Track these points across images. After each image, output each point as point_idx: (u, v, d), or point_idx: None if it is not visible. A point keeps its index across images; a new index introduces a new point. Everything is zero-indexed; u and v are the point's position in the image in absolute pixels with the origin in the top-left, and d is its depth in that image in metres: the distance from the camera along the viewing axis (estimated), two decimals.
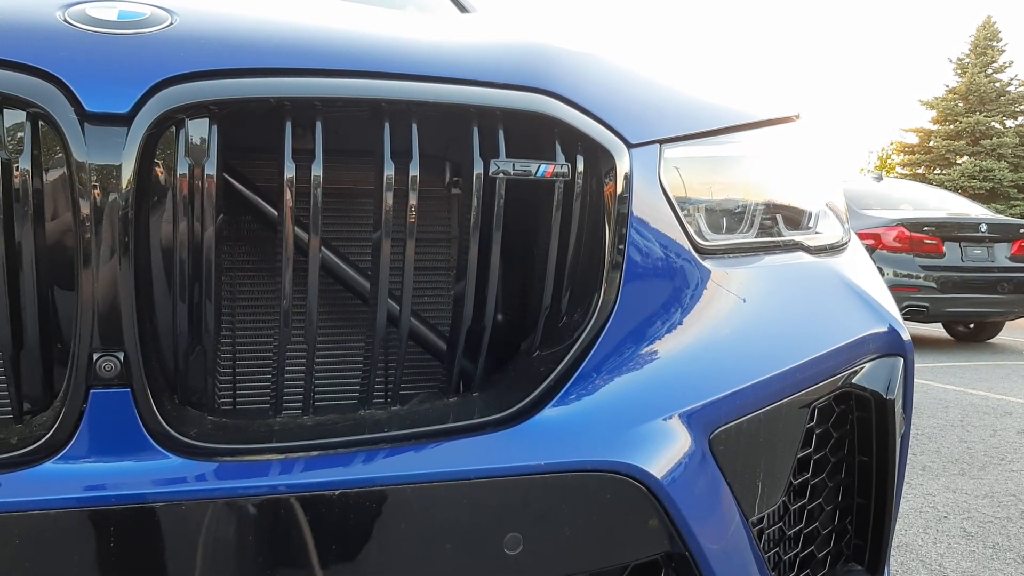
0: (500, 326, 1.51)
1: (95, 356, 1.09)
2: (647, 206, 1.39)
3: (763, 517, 1.56)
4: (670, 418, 1.35)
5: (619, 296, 1.36)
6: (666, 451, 1.33)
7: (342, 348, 1.46)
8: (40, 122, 1.07)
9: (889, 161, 48.44)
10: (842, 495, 1.74)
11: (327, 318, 1.44)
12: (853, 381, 1.65)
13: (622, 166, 1.34)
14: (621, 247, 1.35)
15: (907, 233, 9.98)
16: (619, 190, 1.34)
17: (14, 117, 1.07)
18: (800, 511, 1.67)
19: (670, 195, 1.43)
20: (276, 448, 1.17)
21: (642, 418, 1.34)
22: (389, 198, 1.22)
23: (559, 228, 1.33)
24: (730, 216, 1.57)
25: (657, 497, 1.31)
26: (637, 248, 1.37)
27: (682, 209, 1.45)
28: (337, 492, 1.17)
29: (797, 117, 1.81)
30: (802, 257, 1.67)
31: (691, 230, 1.47)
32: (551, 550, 1.28)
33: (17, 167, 1.07)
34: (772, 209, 1.66)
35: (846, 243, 1.83)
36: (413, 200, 1.23)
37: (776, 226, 1.66)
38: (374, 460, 1.21)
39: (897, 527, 3.59)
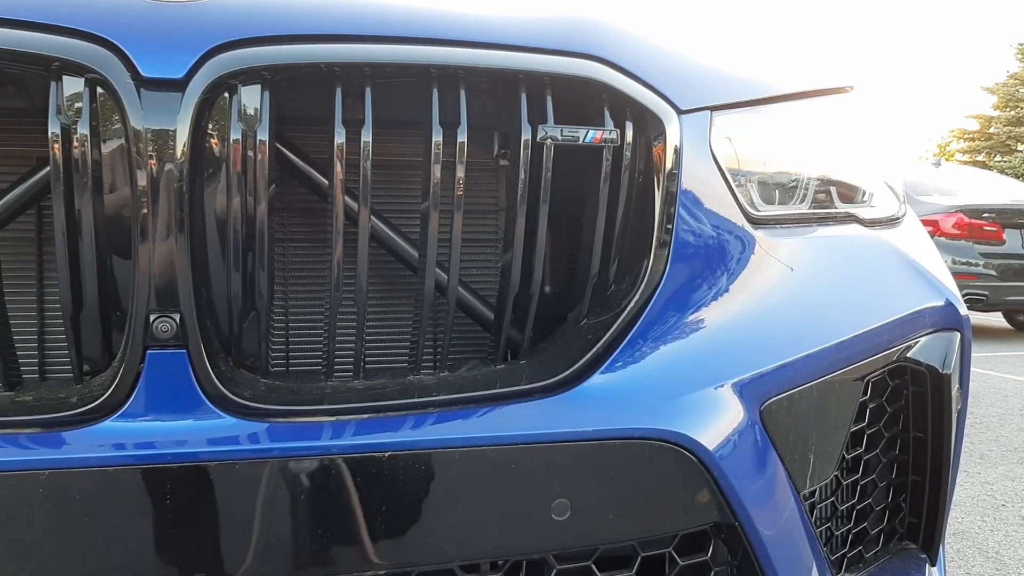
0: (547, 297, 1.51)
1: (152, 317, 1.12)
2: (697, 174, 1.37)
3: (815, 491, 1.54)
4: (720, 388, 1.34)
5: (668, 264, 1.35)
6: (716, 421, 1.32)
7: (391, 315, 1.47)
8: (98, 88, 1.10)
9: (949, 148, 47.36)
10: (896, 471, 1.71)
11: (376, 285, 1.46)
12: (908, 355, 1.62)
13: (672, 133, 1.33)
14: (670, 214, 1.34)
15: (966, 220, 9.76)
16: (669, 157, 1.33)
17: (72, 85, 1.10)
18: (853, 486, 1.65)
19: (721, 163, 1.41)
20: (327, 410, 1.19)
21: (691, 387, 1.33)
22: (437, 170, 1.23)
23: (607, 196, 1.32)
24: (782, 186, 1.55)
25: (707, 467, 1.30)
26: (687, 216, 1.36)
27: (733, 178, 1.44)
28: (387, 454, 1.18)
29: (850, 88, 1.77)
30: (856, 229, 1.64)
31: (742, 199, 1.45)
32: (599, 517, 1.28)
33: (76, 133, 1.09)
34: (825, 180, 1.63)
35: (901, 217, 1.80)
36: (461, 173, 1.24)
37: (829, 198, 1.63)
38: (423, 424, 1.22)
39: (954, 514, 3.53)
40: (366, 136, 1.17)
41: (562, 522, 1.25)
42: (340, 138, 1.17)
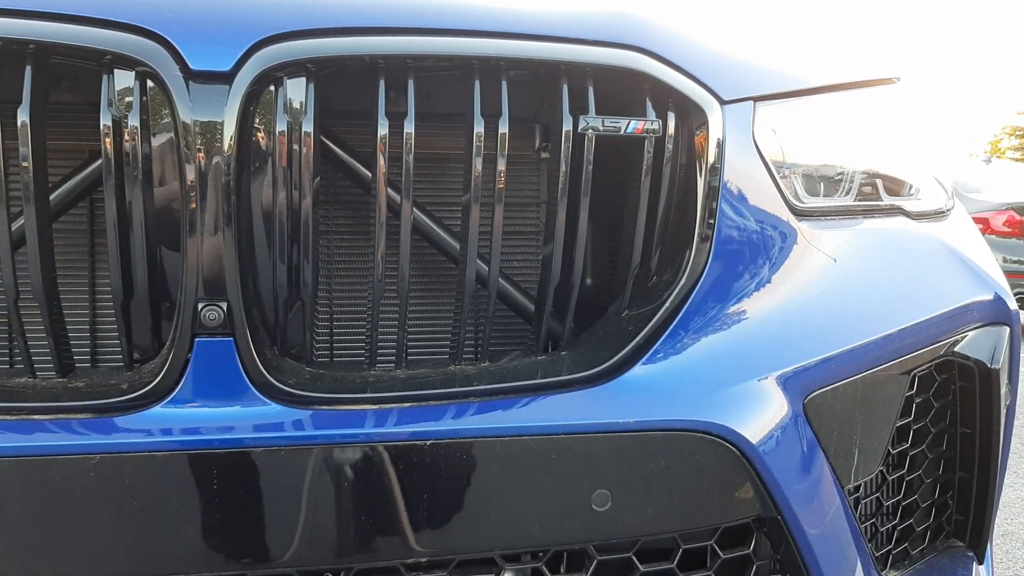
0: (588, 289, 1.51)
1: (200, 305, 1.14)
2: (740, 165, 1.36)
3: (859, 486, 1.53)
4: (763, 380, 1.33)
5: (710, 255, 1.34)
6: (759, 413, 1.31)
7: (433, 306, 1.48)
8: (148, 81, 1.12)
9: (1000, 145, 46.34)
10: (943, 468, 1.69)
11: (418, 277, 1.47)
12: (956, 350, 1.60)
13: (715, 123, 1.32)
14: (713, 206, 1.33)
15: (1017, 217, 9.54)
16: (711, 147, 1.32)
17: (123, 78, 1.12)
18: (899, 482, 1.63)
19: (764, 154, 1.40)
20: (371, 399, 1.21)
21: (734, 379, 1.32)
22: (479, 163, 1.23)
23: (649, 187, 1.32)
24: (826, 177, 1.54)
25: (749, 460, 1.30)
26: (730, 207, 1.35)
27: (777, 169, 1.43)
28: (428, 443, 1.19)
29: (896, 80, 1.75)
30: (902, 222, 1.62)
31: (786, 191, 1.44)
32: (639, 509, 1.28)
33: (126, 126, 1.12)
34: (871, 172, 1.61)
35: (949, 210, 1.77)
36: (502, 166, 1.24)
37: (875, 190, 1.61)
38: (464, 413, 1.23)
39: (1002, 515, 3.46)
40: (408, 127, 1.18)
41: (603, 513, 1.26)
42: (383, 130, 1.18)
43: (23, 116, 1.09)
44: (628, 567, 1.34)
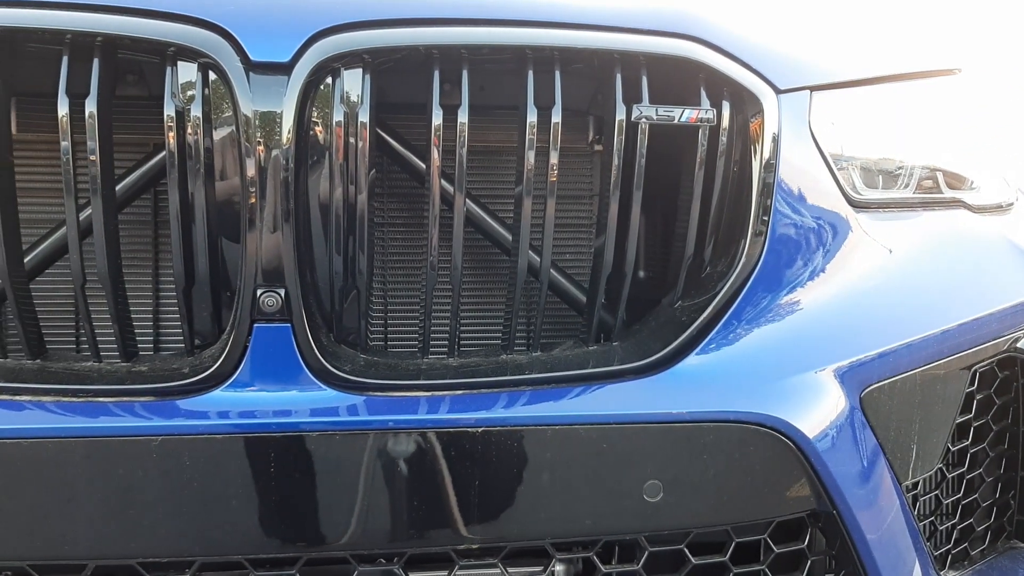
0: (640, 281, 1.51)
1: (259, 292, 1.17)
2: (796, 155, 1.35)
3: (918, 483, 1.50)
4: (819, 372, 1.32)
5: (765, 246, 1.33)
6: (814, 406, 1.30)
7: (486, 297, 1.50)
8: (210, 73, 1.15)
9: None
10: (1005, 466, 1.64)
11: (471, 268, 1.48)
12: (1018, 345, 1.56)
13: (770, 112, 1.31)
14: (768, 195, 1.32)
15: None
16: (766, 137, 1.31)
17: (186, 69, 1.15)
18: (959, 480, 1.59)
19: (821, 144, 1.38)
20: (423, 385, 1.22)
21: (789, 371, 1.31)
22: (531, 156, 1.24)
23: (703, 176, 1.31)
24: (885, 169, 1.51)
25: (804, 453, 1.28)
26: (785, 197, 1.34)
27: (834, 160, 1.41)
28: (480, 430, 1.20)
29: (958, 71, 1.71)
30: (964, 215, 1.59)
31: (843, 182, 1.42)
32: (691, 500, 1.27)
33: (189, 117, 1.15)
34: (931, 165, 1.58)
35: (1012, 203, 1.73)
36: (555, 159, 1.25)
37: (935, 183, 1.58)
38: (516, 402, 1.24)
39: None
40: (462, 117, 1.20)
41: (654, 504, 1.25)
42: (437, 119, 1.19)
43: (90, 107, 1.13)
44: (680, 559, 1.33)
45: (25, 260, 1.27)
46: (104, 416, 1.16)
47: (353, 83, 1.18)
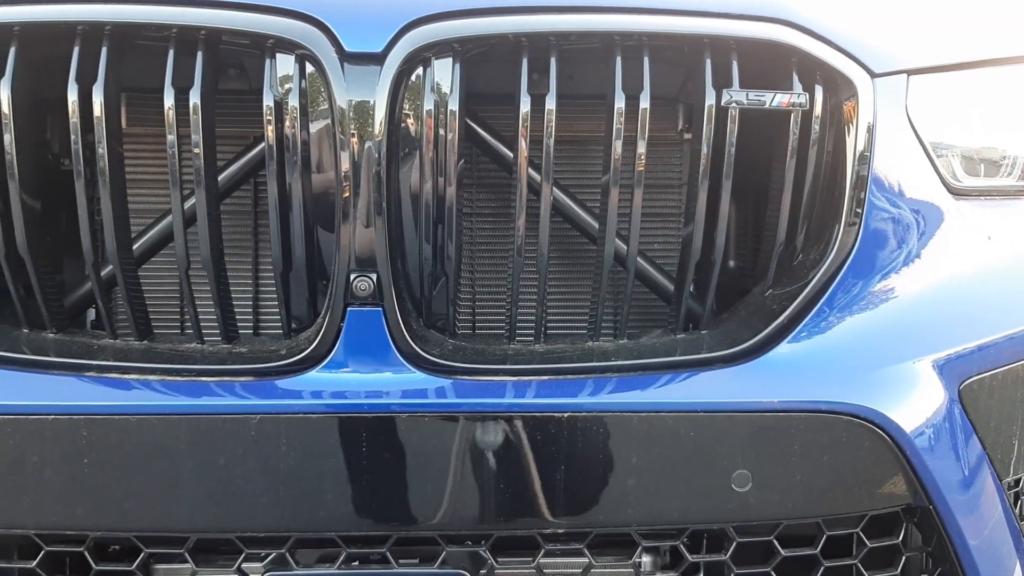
0: (729, 271, 1.50)
1: (352, 277, 1.20)
2: (892, 140, 1.32)
3: (1020, 480, 1.44)
4: (916, 363, 1.29)
5: (860, 233, 1.30)
6: (910, 398, 1.27)
7: (572, 285, 1.51)
8: (307, 64, 1.19)
9: None
10: None
11: (558, 257, 1.49)
12: None
13: (865, 97, 1.28)
14: (863, 182, 1.29)
15: None
16: (861, 122, 1.28)
17: (284, 61, 1.20)
18: None
19: (918, 130, 1.34)
20: (510, 370, 1.24)
21: (884, 361, 1.29)
22: (619, 146, 1.24)
23: (795, 162, 1.29)
24: (987, 157, 1.46)
25: (900, 446, 1.25)
26: (881, 184, 1.31)
27: (932, 146, 1.37)
28: (566, 415, 1.21)
29: None
30: None
31: (942, 169, 1.38)
32: (781, 491, 1.26)
33: (287, 107, 1.19)
34: None
35: None
36: (642, 148, 1.25)
37: None
38: (602, 388, 1.25)
39: None
40: (550, 104, 1.21)
41: (743, 494, 1.24)
42: (525, 107, 1.21)
43: (194, 98, 1.18)
44: (769, 551, 1.32)
45: (134, 247, 1.33)
46: (206, 395, 1.21)
47: (443, 72, 1.21)
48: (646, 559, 1.45)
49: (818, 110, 1.27)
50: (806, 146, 1.29)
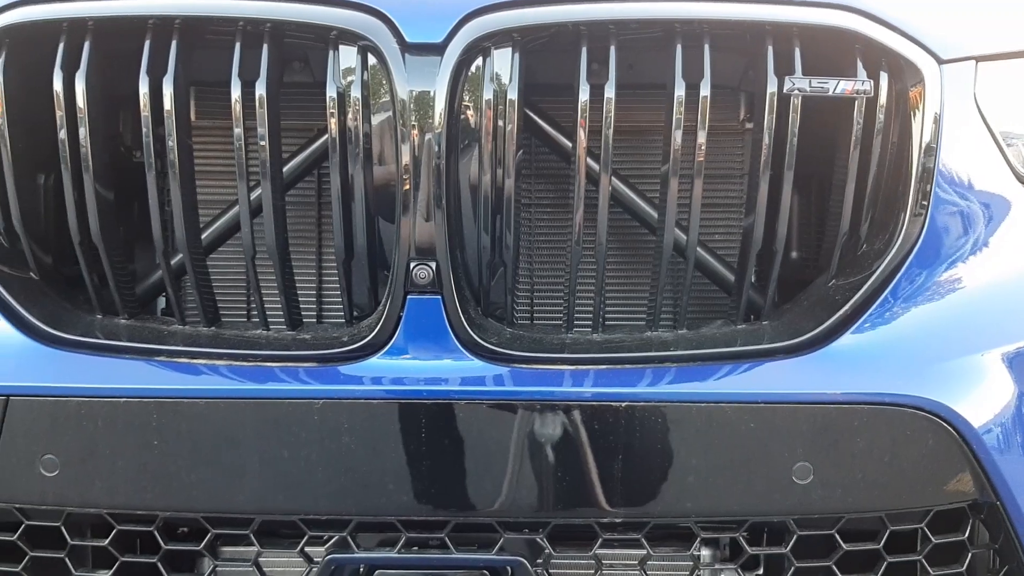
0: (792, 263, 1.48)
1: (412, 265, 1.22)
2: (960, 128, 1.28)
3: None
4: (983, 356, 1.26)
5: (926, 224, 1.28)
6: (978, 391, 1.25)
7: (631, 275, 1.50)
8: (369, 55, 1.21)
9: None
10: None
11: (616, 247, 1.49)
12: None
13: (932, 84, 1.25)
14: (929, 174, 1.27)
15: None
16: (927, 111, 1.25)
17: (347, 52, 1.22)
18: None
19: (987, 118, 1.31)
20: (568, 359, 1.25)
21: (950, 354, 1.26)
22: (678, 136, 1.23)
23: (859, 152, 1.27)
24: None
25: (966, 440, 1.23)
26: (947, 173, 1.28)
27: (1002, 135, 1.33)
28: (624, 404, 1.21)
29: None
30: None
31: (1012, 158, 1.34)
32: (844, 484, 1.24)
33: (349, 98, 1.21)
34: None
35: None
36: (702, 138, 1.24)
37: None
38: (661, 378, 1.25)
39: None
40: (609, 93, 1.21)
41: (804, 486, 1.23)
42: (585, 95, 1.21)
43: (260, 90, 1.21)
44: (831, 545, 1.30)
45: (202, 237, 1.37)
46: (271, 380, 1.25)
47: (503, 62, 1.22)
48: (705, 552, 1.44)
49: (883, 99, 1.24)
50: (871, 135, 1.27)
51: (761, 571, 1.43)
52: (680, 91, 1.22)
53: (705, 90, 1.22)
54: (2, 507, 1.28)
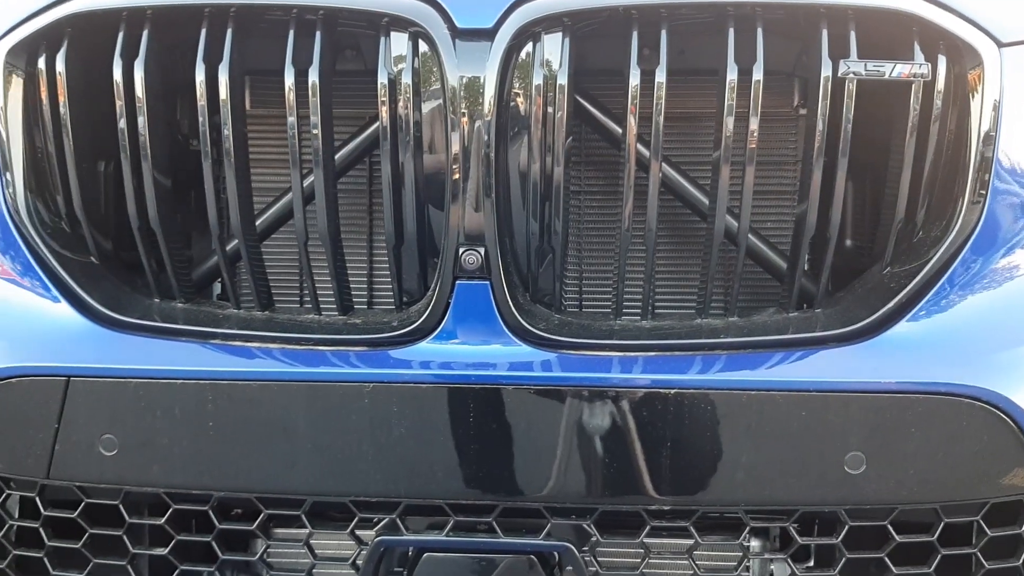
0: (845, 251, 1.46)
1: (460, 250, 1.23)
2: (1020, 113, 1.25)
3: None
4: None
5: (984, 211, 1.25)
6: None
7: (681, 262, 1.49)
8: (420, 42, 1.22)
9: None
10: None
11: (666, 234, 1.48)
12: None
13: (991, 67, 1.22)
14: (988, 156, 1.24)
15: None
16: (987, 92, 1.22)
17: (398, 39, 1.23)
18: None
19: None
20: (616, 346, 1.24)
21: (1009, 343, 1.24)
22: (730, 123, 1.22)
23: (915, 137, 1.24)
24: None
25: None
26: (1008, 158, 1.25)
27: None
28: (672, 391, 1.21)
29: None
30: None
31: None
32: (897, 475, 1.22)
33: (400, 84, 1.22)
34: None
35: None
36: (754, 125, 1.22)
37: None
38: (711, 365, 1.24)
39: None
40: (660, 78, 1.20)
41: (856, 476, 1.21)
42: (635, 80, 1.20)
43: (313, 77, 1.22)
44: (883, 537, 1.28)
45: (256, 223, 1.39)
46: (323, 364, 1.27)
47: (553, 48, 1.22)
48: (754, 542, 1.43)
49: (940, 84, 1.22)
50: (927, 121, 1.24)
51: (812, 562, 1.42)
52: (732, 76, 1.20)
53: (758, 75, 1.20)
54: (63, 485, 1.32)
